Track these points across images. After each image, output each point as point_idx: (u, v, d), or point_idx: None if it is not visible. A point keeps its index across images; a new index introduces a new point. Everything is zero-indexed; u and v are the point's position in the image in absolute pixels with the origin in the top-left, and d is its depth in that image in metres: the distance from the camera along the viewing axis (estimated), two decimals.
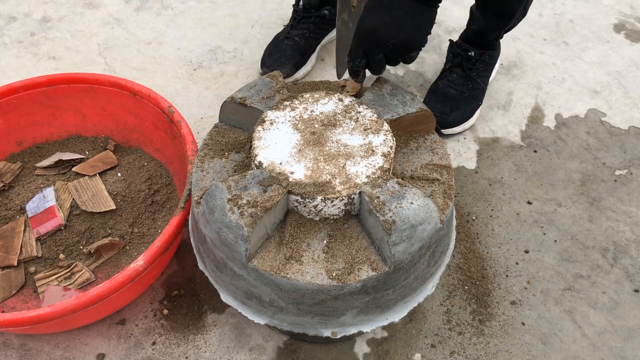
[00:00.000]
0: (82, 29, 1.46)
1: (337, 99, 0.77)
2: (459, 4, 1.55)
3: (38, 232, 0.92)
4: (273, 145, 0.71)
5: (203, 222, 0.69)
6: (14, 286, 0.90)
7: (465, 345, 0.89)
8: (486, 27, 1.15)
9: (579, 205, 1.09)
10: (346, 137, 0.72)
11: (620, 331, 0.91)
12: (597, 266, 0.99)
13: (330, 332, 0.70)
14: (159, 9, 1.52)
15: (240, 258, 0.65)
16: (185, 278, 0.95)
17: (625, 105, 1.29)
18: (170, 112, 0.97)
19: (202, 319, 0.91)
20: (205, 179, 0.73)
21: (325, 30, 1.37)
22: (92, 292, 0.73)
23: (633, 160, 1.17)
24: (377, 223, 0.64)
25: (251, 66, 1.36)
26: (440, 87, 1.21)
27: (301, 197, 0.66)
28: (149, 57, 1.38)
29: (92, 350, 0.87)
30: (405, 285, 0.69)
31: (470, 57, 1.20)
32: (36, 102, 1.05)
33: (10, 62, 1.36)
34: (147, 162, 1.06)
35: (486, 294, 0.95)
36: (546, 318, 0.92)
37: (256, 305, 0.70)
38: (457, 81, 1.20)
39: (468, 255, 0.99)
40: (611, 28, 1.50)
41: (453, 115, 1.17)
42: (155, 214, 0.99)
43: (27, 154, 1.08)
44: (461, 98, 1.18)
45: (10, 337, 0.88)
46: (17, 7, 1.52)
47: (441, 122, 1.16)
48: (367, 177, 0.67)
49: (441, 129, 1.16)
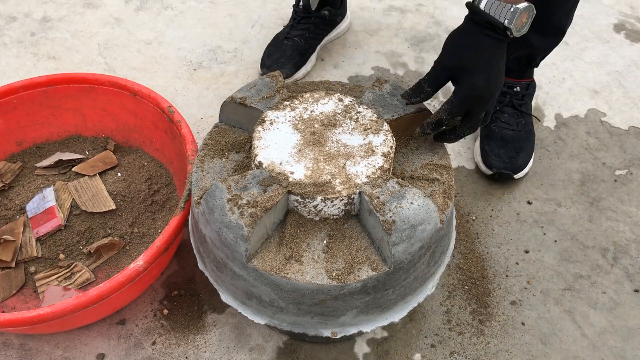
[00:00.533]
0: (82, 29, 1.46)
1: (337, 99, 0.77)
2: (459, 4, 1.55)
3: (38, 233, 0.92)
4: (273, 145, 0.71)
5: (203, 222, 0.69)
6: (14, 286, 0.90)
7: (465, 345, 0.89)
8: (535, 50, 1.08)
9: (579, 205, 1.09)
10: (346, 137, 0.72)
11: (620, 331, 0.91)
12: (597, 266, 0.99)
13: (330, 332, 0.70)
14: (159, 9, 1.52)
15: (240, 258, 0.65)
16: (185, 278, 0.95)
17: (625, 105, 1.29)
18: (170, 112, 0.97)
19: (202, 319, 0.91)
20: (205, 179, 0.73)
21: (325, 30, 1.37)
22: (92, 292, 0.73)
23: (633, 160, 1.17)
24: (377, 223, 0.64)
25: (251, 66, 1.36)
26: (495, 131, 1.12)
27: (301, 197, 0.66)
28: (149, 57, 1.38)
29: (92, 350, 0.87)
30: (405, 285, 0.69)
31: (517, 92, 1.14)
32: (36, 102, 1.05)
33: (10, 62, 1.36)
34: (147, 162, 1.06)
35: (486, 294, 0.95)
36: (546, 318, 0.92)
37: (256, 305, 0.70)
38: (510, 121, 1.13)
39: (468, 255, 0.99)
40: (611, 28, 1.50)
41: (521, 157, 1.10)
42: (155, 214, 0.99)
43: (27, 154, 1.08)
44: (520, 137, 1.12)
45: (10, 337, 0.88)
46: (17, 7, 1.52)
47: (512, 168, 1.08)
48: (367, 177, 0.67)
49: (514, 175, 1.08)
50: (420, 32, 1.46)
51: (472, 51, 0.69)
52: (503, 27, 0.68)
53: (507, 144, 1.11)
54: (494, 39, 0.69)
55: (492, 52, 0.70)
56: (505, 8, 0.67)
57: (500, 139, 1.12)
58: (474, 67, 0.69)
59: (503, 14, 0.67)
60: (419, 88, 0.74)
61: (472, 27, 0.70)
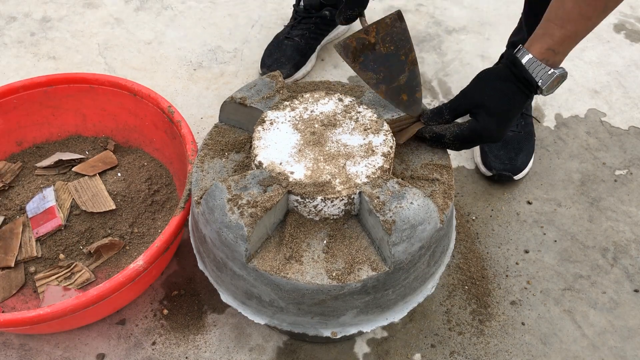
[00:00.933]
0: (82, 29, 1.46)
1: (337, 99, 0.77)
2: (459, 4, 1.55)
3: (38, 233, 0.92)
4: (273, 145, 0.71)
5: (203, 222, 0.69)
6: (14, 286, 0.90)
7: (465, 345, 0.89)
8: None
9: (579, 205, 1.09)
10: (346, 137, 0.72)
11: (620, 331, 0.91)
12: (597, 266, 0.99)
13: (330, 332, 0.70)
14: (159, 9, 1.52)
15: (240, 258, 0.65)
16: (185, 278, 0.95)
17: (625, 105, 1.29)
18: (170, 112, 0.97)
19: (202, 319, 0.91)
20: (205, 179, 0.73)
21: (326, 30, 1.37)
22: (92, 292, 0.73)
23: (633, 160, 1.17)
24: (377, 223, 0.64)
25: (251, 66, 1.36)
26: None
27: (301, 197, 0.66)
28: (149, 57, 1.38)
29: (92, 350, 0.87)
30: (405, 285, 0.69)
31: None
32: (36, 102, 1.05)
33: (10, 62, 1.36)
34: (147, 162, 1.06)
35: (486, 294, 0.95)
36: (546, 318, 0.92)
37: (256, 305, 0.70)
38: None
39: (468, 255, 0.99)
40: (611, 28, 1.50)
41: (520, 158, 1.10)
42: (155, 214, 0.99)
43: (27, 154, 1.08)
44: (520, 138, 1.12)
45: (10, 337, 0.88)
46: (17, 7, 1.52)
47: (512, 169, 1.08)
48: (367, 177, 0.67)
49: (513, 176, 1.08)
50: (420, 32, 1.46)
51: (500, 97, 0.72)
52: (536, 85, 0.71)
53: (507, 145, 1.11)
54: (522, 94, 0.72)
55: (517, 104, 0.73)
56: (544, 70, 0.70)
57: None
58: (495, 111, 0.72)
59: (540, 74, 0.71)
60: (440, 113, 0.75)
61: (507, 75, 0.72)
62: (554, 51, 0.70)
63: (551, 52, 0.70)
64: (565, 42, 0.69)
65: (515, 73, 0.72)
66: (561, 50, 0.70)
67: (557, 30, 0.68)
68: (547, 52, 0.70)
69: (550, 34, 0.69)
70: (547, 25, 0.69)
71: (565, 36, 0.69)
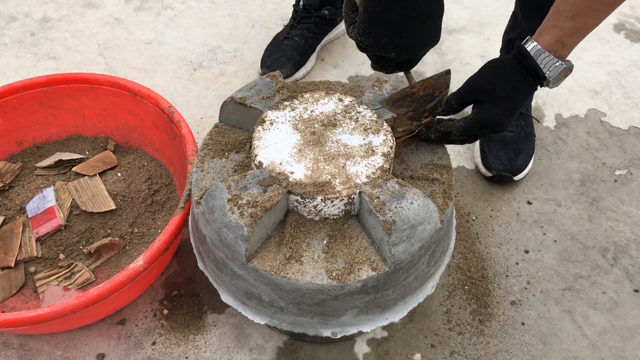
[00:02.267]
0: (82, 29, 1.46)
1: (337, 99, 0.77)
2: (459, 4, 1.55)
3: (38, 233, 0.92)
4: (273, 145, 0.71)
5: (203, 222, 0.69)
6: (14, 286, 0.90)
7: (465, 345, 0.89)
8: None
9: (579, 205, 1.09)
10: (346, 137, 0.72)
11: (620, 331, 0.91)
12: (597, 266, 0.99)
13: (330, 332, 0.70)
14: (159, 9, 1.52)
15: (240, 258, 0.65)
16: (185, 278, 0.95)
17: (625, 105, 1.29)
18: (170, 112, 0.97)
19: (202, 319, 0.91)
20: (205, 179, 0.73)
21: (325, 30, 1.37)
22: (92, 292, 0.73)
23: (633, 160, 1.17)
24: (377, 223, 0.64)
25: (251, 66, 1.36)
26: None
27: (301, 197, 0.66)
28: (149, 57, 1.38)
29: (92, 350, 0.87)
30: (405, 285, 0.69)
31: None
32: (36, 102, 1.05)
33: (10, 62, 1.36)
34: (147, 162, 1.06)
35: (486, 294, 0.95)
36: (546, 318, 0.92)
37: (256, 305, 0.70)
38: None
39: (468, 255, 0.99)
40: (611, 28, 1.50)
41: (520, 159, 1.10)
42: (155, 214, 0.99)
43: (27, 154, 1.08)
44: (520, 139, 1.12)
45: (10, 337, 0.88)
46: (17, 7, 1.52)
47: (512, 170, 1.08)
48: (367, 177, 0.67)
49: (513, 177, 1.09)
50: None
51: (507, 86, 0.72)
52: (543, 77, 0.71)
53: (507, 145, 1.11)
54: (529, 85, 0.72)
55: (522, 94, 0.72)
56: (552, 61, 0.70)
57: (500, 140, 1.12)
58: (502, 101, 0.72)
59: (548, 66, 0.70)
60: (447, 103, 0.76)
61: (514, 65, 0.72)
62: (563, 43, 0.70)
63: (560, 44, 0.70)
64: (575, 35, 0.69)
65: (523, 63, 0.71)
66: (569, 42, 0.70)
67: (568, 22, 0.68)
68: (555, 44, 0.70)
69: (560, 25, 0.69)
70: (557, 16, 0.69)
71: (575, 28, 0.68)
